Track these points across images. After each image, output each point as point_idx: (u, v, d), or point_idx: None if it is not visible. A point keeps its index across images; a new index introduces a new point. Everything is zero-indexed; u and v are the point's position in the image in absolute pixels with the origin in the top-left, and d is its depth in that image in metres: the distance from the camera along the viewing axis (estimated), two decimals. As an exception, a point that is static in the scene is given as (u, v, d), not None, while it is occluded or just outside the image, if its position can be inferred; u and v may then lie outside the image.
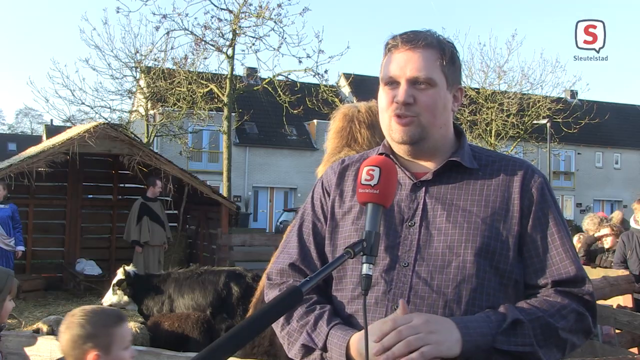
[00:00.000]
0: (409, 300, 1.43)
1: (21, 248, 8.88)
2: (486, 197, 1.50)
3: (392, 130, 1.53)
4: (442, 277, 1.44)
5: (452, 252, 1.45)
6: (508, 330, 1.36)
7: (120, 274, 6.33)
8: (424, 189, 1.53)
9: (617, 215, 8.52)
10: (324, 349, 1.45)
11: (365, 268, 1.28)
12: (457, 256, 1.45)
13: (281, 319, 1.53)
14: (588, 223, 7.91)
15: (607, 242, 6.96)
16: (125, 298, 6.31)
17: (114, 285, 6.33)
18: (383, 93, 1.55)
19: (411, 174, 1.56)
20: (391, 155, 1.59)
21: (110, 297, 6.34)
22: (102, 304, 6.47)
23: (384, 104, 1.54)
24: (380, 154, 1.59)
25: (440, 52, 1.52)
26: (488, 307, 1.43)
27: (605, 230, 7.10)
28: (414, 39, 1.51)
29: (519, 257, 1.48)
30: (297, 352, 1.50)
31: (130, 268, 6.45)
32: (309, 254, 1.61)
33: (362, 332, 1.31)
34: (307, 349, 1.48)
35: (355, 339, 1.39)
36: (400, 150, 1.57)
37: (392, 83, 1.52)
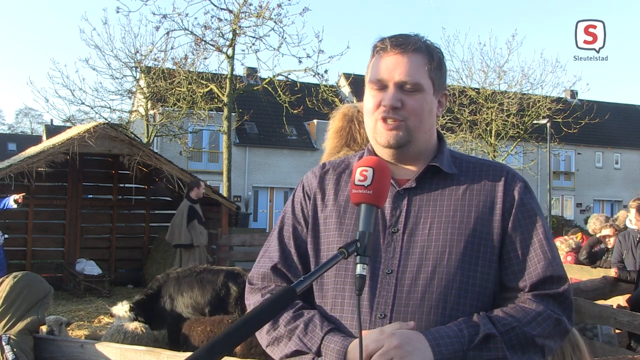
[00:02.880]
0: (393, 308, 1.43)
1: (14, 196, 7.79)
2: (469, 202, 1.51)
3: (377, 134, 1.52)
4: (426, 284, 1.44)
5: (436, 258, 1.45)
6: (480, 345, 1.37)
7: (123, 311, 5.90)
8: (407, 196, 1.53)
9: (622, 215, 8.47)
10: (318, 353, 1.43)
11: (359, 268, 1.27)
12: (440, 262, 1.45)
13: (266, 324, 1.50)
14: (594, 222, 7.86)
15: (609, 242, 6.95)
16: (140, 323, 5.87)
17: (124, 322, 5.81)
18: (369, 96, 1.54)
19: (395, 181, 1.55)
20: None
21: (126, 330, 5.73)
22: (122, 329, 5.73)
23: (371, 106, 1.53)
24: None
25: (429, 57, 1.52)
26: (472, 311, 1.44)
27: (607, 231, 7.08)
28: (403, 43, 1.51)
29: (500, 260, 1.49)
30: (284, 357, 1.48)
31: (127, 307, 5.95)
32: (290, 257, 1.59)
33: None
34: (297, 354, 1.46)
35: (354, 346, 1.37)
36: (385, 154, 1.56)
37: (380, 86, 1.51)
